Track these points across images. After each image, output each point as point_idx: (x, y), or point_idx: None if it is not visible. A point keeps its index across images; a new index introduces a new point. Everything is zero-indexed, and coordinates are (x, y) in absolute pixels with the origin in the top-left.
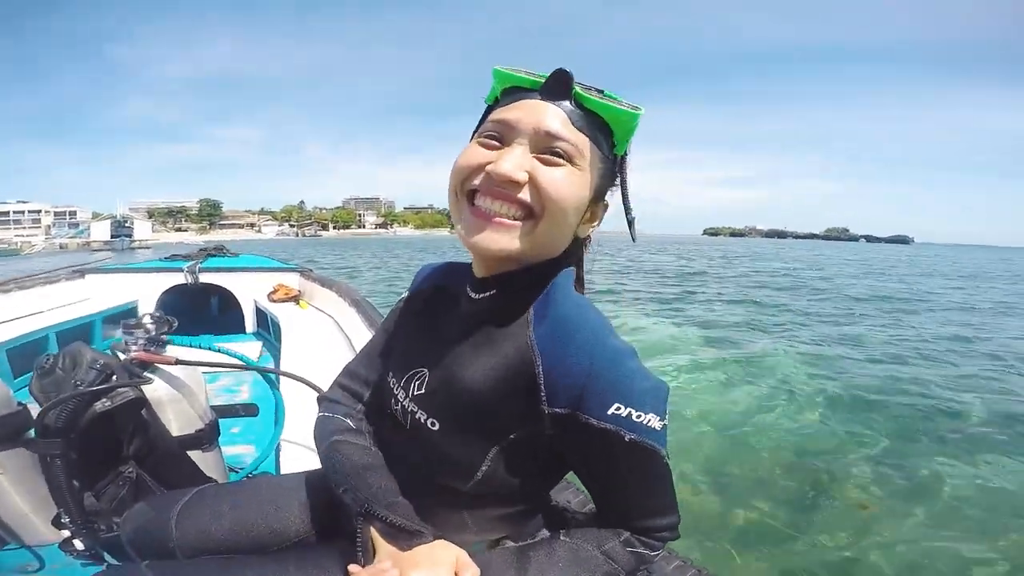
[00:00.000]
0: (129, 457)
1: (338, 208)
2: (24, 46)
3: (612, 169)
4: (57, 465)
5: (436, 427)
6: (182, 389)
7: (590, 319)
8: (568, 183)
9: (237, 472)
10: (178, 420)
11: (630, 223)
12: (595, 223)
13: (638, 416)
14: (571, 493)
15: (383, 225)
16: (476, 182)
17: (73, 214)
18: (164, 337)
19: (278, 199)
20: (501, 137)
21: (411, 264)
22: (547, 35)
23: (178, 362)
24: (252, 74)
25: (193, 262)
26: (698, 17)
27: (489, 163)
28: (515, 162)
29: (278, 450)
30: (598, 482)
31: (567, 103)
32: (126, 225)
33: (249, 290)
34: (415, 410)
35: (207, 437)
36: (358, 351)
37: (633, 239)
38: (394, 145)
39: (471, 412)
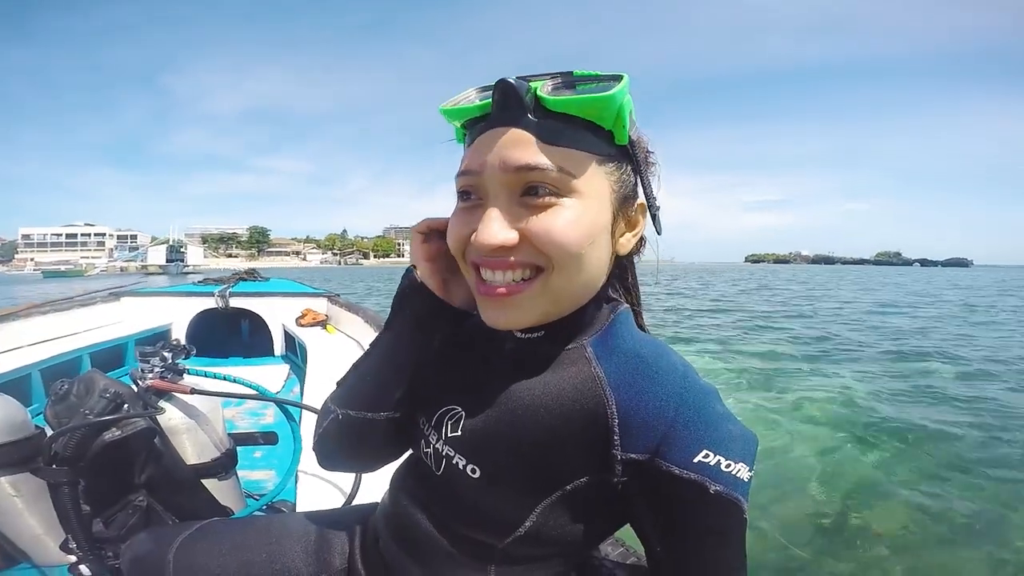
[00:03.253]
0: (141, 485)
1: (378, 237)
2: (98, 76)
3: (628, 162)
4: (64, 492)
5: (476, 474)
6: (198, 418)
7: (669, 355)
8: (567, 221)
9: (255, 498)
10: (194, 449)
11: (653, 216)
12: (636, 230)
13: (727, 465)
14: (609, 544)
15: None
16: (474, 256)
17: (134, 238)
18: (182, 365)
19: (322, 227)
20: (474, 191)
21: None
22: (580, 60)
23: (194, 391)
24: (299, 107)
25: (224, 287)
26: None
27: (473, 232)
28: (494, 224)
29: (296, 480)
30: (664, 537)
31: (528, 117)
32: (180, 251)
33: (278, 314)
34: (451, 454)
35: (223, 466)
36: None
37: (658, 231)
38: (432, 175)
39: (522, 459)
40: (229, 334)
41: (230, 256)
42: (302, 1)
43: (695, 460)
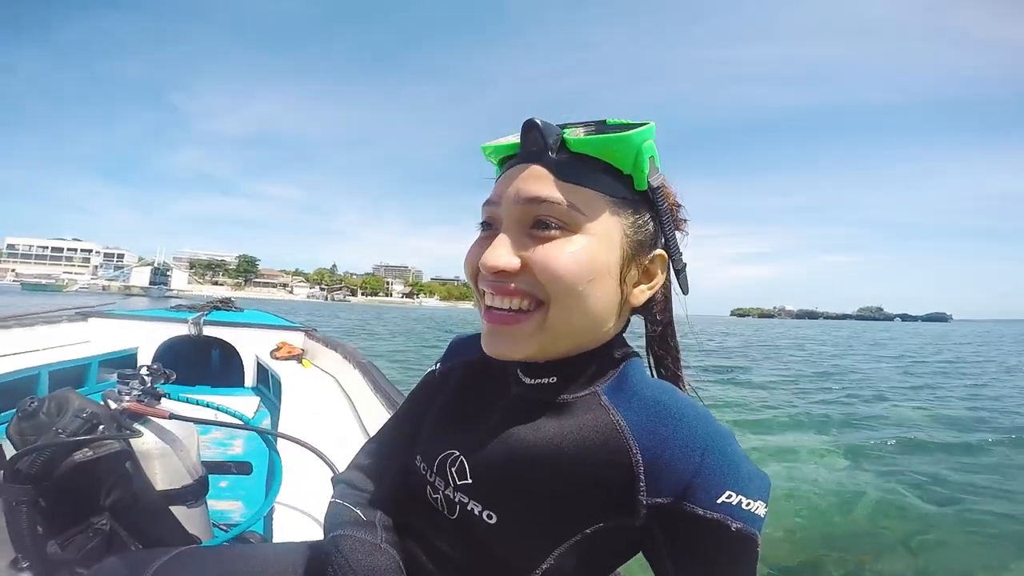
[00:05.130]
0: (105, 508)
1: (368, 274)
2: (95, 87)
3: (645, 208)
4: (23, 512)
5: (493, 520)
6: (173, 443)
7: (688, 402)
8: (566, 254)
9: (224, 529)
10: (164, 474)
11: (677, 272)
12: (652, 282)
13: (747, 504)
14: None
15: (410, 295)
16: (482, 281)
17: (121, 256)
18: (160, 389)
19: (312, 260)
20: (492, 220)
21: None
22: (563, 106)
23: (172, 416)
24: (296, 134)
25: (198, 314)
26: (705, 88)
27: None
28: (500, 248)
29: (270, 512)
30: (682, 570)
31: (549, 155)
32: (165, 274)
33: (252, 346)
34: (465, 500)
35: (193, 493)
36: (376, 422)
37: (684, 291)
38: (423, 215)
39: (541, 505)
40: (198, 362)
41: (216, 284)
42: (311, 30)
43: (719, 501)
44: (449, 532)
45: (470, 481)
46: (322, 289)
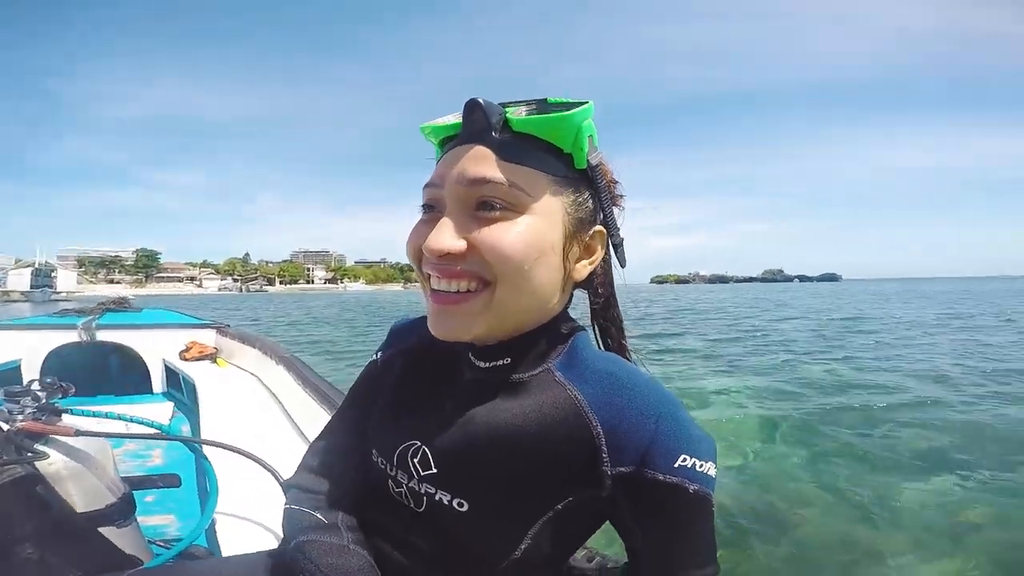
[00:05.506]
0: (26, 538)
1: (285, 261)
2: None
3: (587, 186)
4: None
5: (465, 507)
6: (85, 461)
7: (637, 372)
8: (512, 234)
9: (164, 546)
10: (83, 496)
11: (615, 246)
12: (593, 257)
13: (700, 466)
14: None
15: (333, 280)
16: (426, 265)
17: None
18: (58, 405)
19: (221, 251)
20: (435, 203)
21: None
22: (490, 84)
23: (78, 433)
24: (196, 118)
25: (89, 318)
26: (625, 67)
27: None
28: (444, 231)
29: (212, 523)
30: (648, 536)
31: (492, 135)
32: (49, 275)
33: (156, 348)
34: (432, 491)
35: (120, 512)
36: (309, 419)
37: (621, 264)
38: (344, 196)
39: (511, 487)
40: (95, 371)
41: (112, 282)
42: (214, 4)
43: (675, 465)
44: (418, 525)
45: (435, 471)
46: (235, 280)
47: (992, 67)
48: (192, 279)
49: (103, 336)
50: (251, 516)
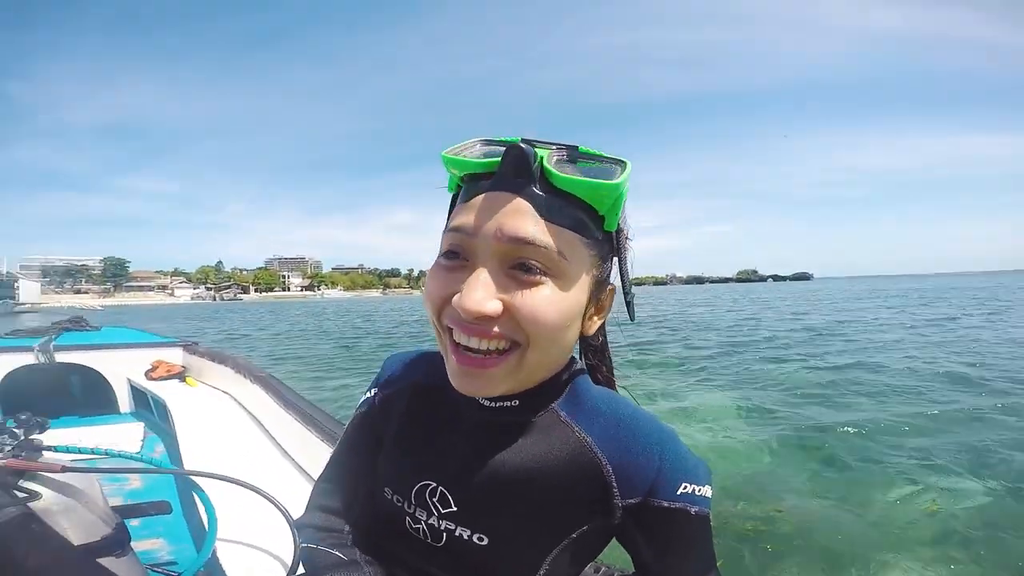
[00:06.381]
0: (31, 573)
1: (260, 269)
2: None
3: (609, 248)
4: None
5: (484, 542)
6: (75, 495)
7: (635, 409)
8: (553, 303)
9: (160, 572)
10: (77, 530)
11: (628, 303)
12: (603, 314)
13: (699, 491)
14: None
15: (310, 287)
16: (451, 317)
17: None
18: (39, 439)
19: (193, 259)
20: (462, 250)
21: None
22: (465, 87)
23: (65, 469)
24: (163, 123)
25: (45, 338)
26: (602, 71)
27: (455, 293)
28: (482, 292)
29: (214, 551)
30: (656, 553)
31: (533, 188)
32: (11, 285)
33: (120, 368)
34: (452, 527)
35: (116, 542)
36: (294, 440)
37: (631, 318)
38: (319, 203)
39: (529, 522)
40: (55, 392)
41: (79, 292)
42: (181, 8)
43: (679, 493)
44: (440, 558)
45: (455, 509)
46: (208, 289)
47: (948, 70)
48: (163, 288)
49: (62, 357)
50: (250, 542)
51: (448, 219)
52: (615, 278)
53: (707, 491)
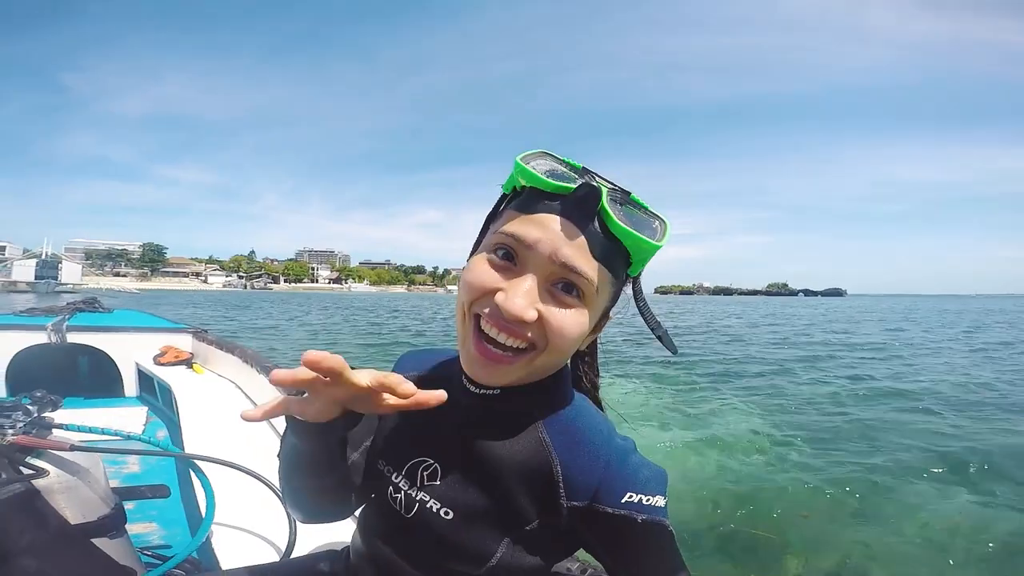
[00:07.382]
0: (24, 551)
1: (290, 260)
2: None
3: (620, 288)
4: None
5: (449, 516)
6: (79, 474)
7: (596, 422)
8: (578, 323)
9: (151, 556)
10: (75, 508)
11: (660, 338)
12: (597, 333)
13: (647, 500)
14: (569, 560)
15: (337, 280)
16: (485, 308)
17: (2, 250)
18: (50, 418)
19: (227, 248)
20: (514, 254)
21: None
22: (492, 89)
23: (73, 448)
24: (208, 114)
25: (59, 318)
26: (638, 77)
27: (499, 289)
28: (525, 299)
29: (211, 535)
30: (615, 558)
31: (593, 227)
32: (54, 266)
33: (129, 351)
34: (425, 499)
35: (113, 523)
36: None
37: (673, 351)
38: (350, 198)
39: (490, 504)
40: (63, 372)
41: (118, 275)
42: (226, 3)
43: (623, 501)
44: (409, 529)
45: (437, 483)
46: (240, 277)
47: (997, 80)
48: (197, 275)
49: (73, 338)
50: (254, 527)
51: (497, 214)
52: (628, 313)
53: (658, 501)
